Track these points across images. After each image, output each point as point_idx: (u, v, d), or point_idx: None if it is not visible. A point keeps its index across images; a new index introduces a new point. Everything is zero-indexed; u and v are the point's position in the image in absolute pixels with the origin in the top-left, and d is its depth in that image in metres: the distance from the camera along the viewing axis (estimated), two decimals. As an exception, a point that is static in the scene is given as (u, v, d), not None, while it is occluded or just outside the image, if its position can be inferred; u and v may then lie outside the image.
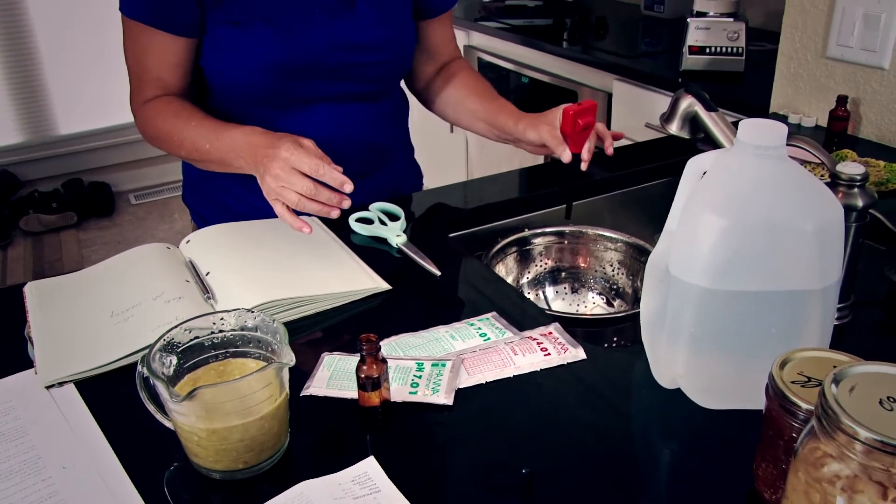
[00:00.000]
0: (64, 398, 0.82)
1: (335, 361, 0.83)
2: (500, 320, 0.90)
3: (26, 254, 3.34)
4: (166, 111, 1.13)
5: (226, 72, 1.15)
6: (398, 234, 1.09)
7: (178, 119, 1.11)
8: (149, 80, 1.14)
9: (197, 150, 1.10)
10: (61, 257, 3.29)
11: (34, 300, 0.98)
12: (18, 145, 3.67)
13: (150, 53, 1.12)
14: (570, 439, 0.73)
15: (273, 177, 0.97)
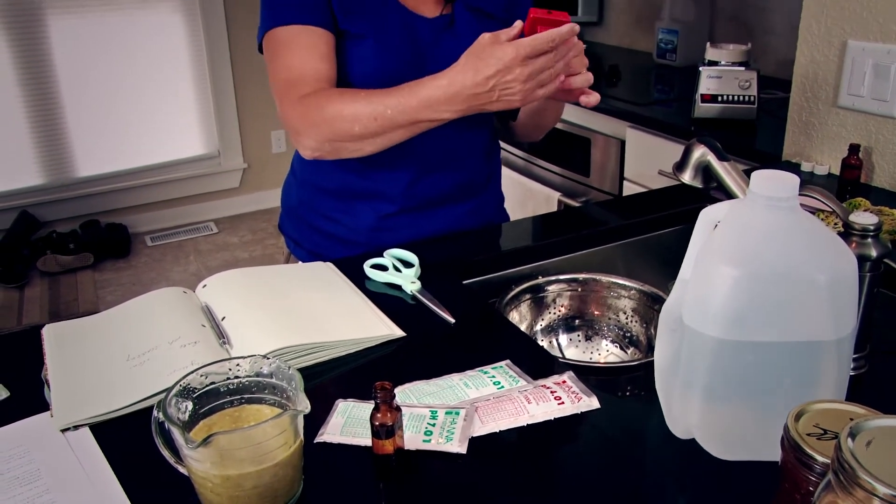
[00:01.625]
0: (79, 442, 0.82)
1: (349, 408, 0.83)
2: (514, 368, 0.90)
3: (42, 294, 3.37)
4: (330, 94, 1.14)
5: (346, 78, 1.21)
6: (412, 281, 1.10)
7: (346, 96, 1.12)
8: (302, 77, 1.16)
9: (376, 120, 1.10)
10: (77, 297, 3.31)
11: (52, 342, 0.98)
12: (39, 187, 3.73)
13: (300, 48, 1.17)
14: (584, 489, 0.73)
15: (525, 80, 1.02)
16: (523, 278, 1.19)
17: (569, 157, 2.44)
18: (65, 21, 3.56)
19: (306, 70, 1.16)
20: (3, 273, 3.40)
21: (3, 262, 3.43)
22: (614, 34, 3.19)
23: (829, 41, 1.58)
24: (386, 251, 1.18)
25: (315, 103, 1.14)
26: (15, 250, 3.52)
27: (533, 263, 1.27)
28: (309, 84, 1.16)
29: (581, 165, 2.39)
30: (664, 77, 2.64)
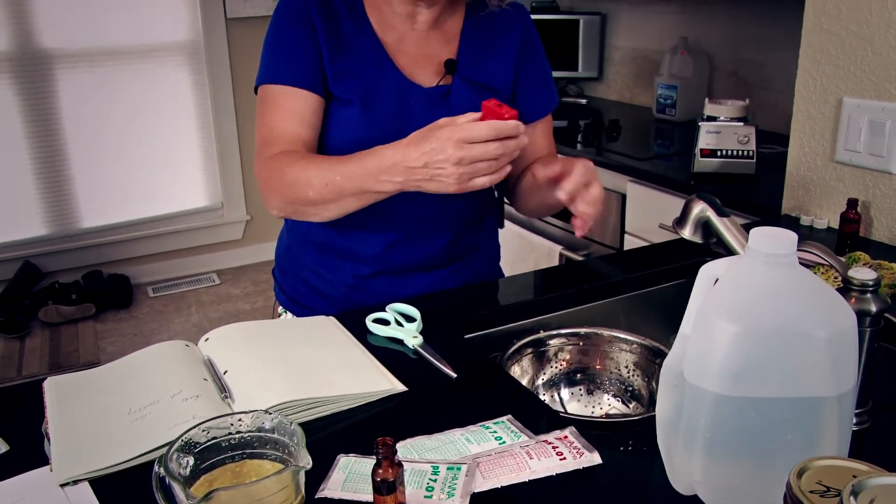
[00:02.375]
0: (79, 496, 0.82)
1: (350, 463, 0.83)
2: (516, 423, 0.90)
3: (43, 344, 3.37)
4: (293, 158, 1.15)
5: (329, 143, 1.22)
6: (414, 336, 1.10)
7: (305, 160, 1.14)
8: (277, 138, 1.18)
9: (327, 186, 1.11)
10: (78, 348, 3.30)
11: (53, 396, 0.99)
12: (42, 237, 3.75)
13: (282, 109, 1.19)
14: (586, 547, 0.72)
15: (455, 162, 1.00)
16: (525, 332, 1.19)
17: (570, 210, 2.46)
18: (72, 74, 3.62)
19: (284, 132, 1.18)
20: (4, 323, 3.40)
21: (5, 312, 3.43)
22: (614, 89, 3.24)
23: (825, 98, 1.61)
24: (388, 305, 1.19)
25: (277, 166, 1.16)
26: (16, 301, 3.53)
27: (534, 318, 1.28)
28: (281, 146, 1.17)
29: (582, 218, 2.41)
30: (664, 131, 2.68)
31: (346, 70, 1.21)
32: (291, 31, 1.21)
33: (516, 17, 1.32)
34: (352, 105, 1.21)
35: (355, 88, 1.21)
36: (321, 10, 1.22)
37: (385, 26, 1.25)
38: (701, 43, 2.76)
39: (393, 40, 1.25)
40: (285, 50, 1.21)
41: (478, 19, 1.30)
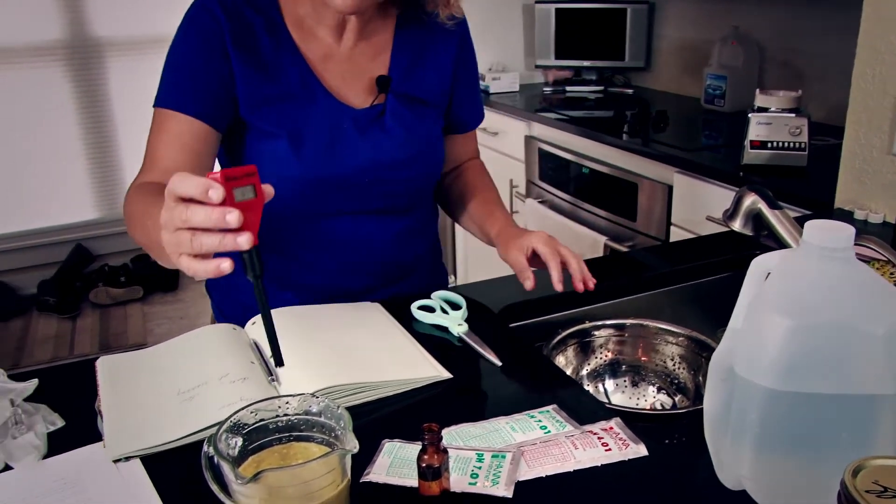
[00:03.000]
0: (130, 472, 0.83)
1: (395, 448, 0.83)
2: (561, 413, 0.89)
3: (94, 325, 3.44)
4: (140, 192, 1.02)
5: None
6: (459, 324, 1.10)
7: (146, 198, 0.98)
8: (152, 164, 1.08)
9: (144, 230, 0.94)
10: (126, 330, 3.37)
11: (105, 375, 1.01)
12: (94, 221, 3.82)
13: (165, 134, 1.08)
14: (631, 540, 0.72)
15: (163, 227, 0.74)
16: (569, 323, 1.18)
17: (615, 201, 2.44)
18: (122, 62, 3.68)
19: (160, 158, 1.08)
20: (57, 304, 3.49)
21: (58, 293, 3.52)
22: (662, 79, 3.20)
23: (884, 89, 1.56)
24: (433, 293, 1.19)
25: (129, 198, 1.04)
26: (69, 282, 3.61)
27: (579, 308, 1.27)
28: (154, 173, 1.06)
29: (628, 210, 2.38)
30: (712, 122, 2.63)
31: (269, 97, 1.11)
32: (191, 52, 1.10)
33: (454, 27, 1.22)
34: (278, 139, 1.11)
35: (281, 120, 1.12)
36: (234, 28, 1.10)
37: (308, 41, 1.15)
38: (752, 32, 2.71)
39: (318, 57, 1.15)
40: (181, 72, 1.10)
41: (409, 30, 1.21)
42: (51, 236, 3.73)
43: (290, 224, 1.18)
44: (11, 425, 0.91)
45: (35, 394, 0.98)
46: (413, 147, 1.19)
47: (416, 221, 1.28)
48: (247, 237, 0.70)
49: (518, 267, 1.13)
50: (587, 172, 2.55)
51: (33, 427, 0.91)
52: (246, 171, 0.71)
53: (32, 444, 0.88)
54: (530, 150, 2.87)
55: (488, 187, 1.34)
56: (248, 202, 0.71)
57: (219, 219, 0.69)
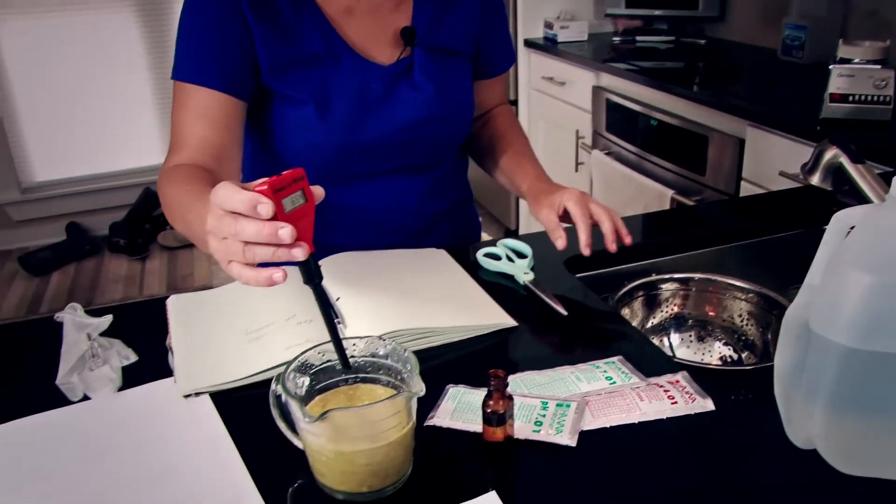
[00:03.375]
0: (199, 408, 0.85)
1: (460, 394, 0.83)
2: (627, 364, 0.88)
3: (161, 267, 3.53)
4: (176, 177, 0.98)
5: (276, 145, 1.12)
6: (526, 272, 1.09)
7: (181, 185, 0.96)
8: (181, 142, 1.04)
9: (184, 222, 0.92)
10: (193, 272, 3.45)
11: (175, 313, 1.03)
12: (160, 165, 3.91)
13: (191, 111, 1.04)
14: (695, 493, 0.71)
15: (211, 233, 0.72)
16: (635, 275, 1.16)
17: (684, 154, 2.38)
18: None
19: (189, 137, 1.04)
20: (128, 245, 3.59)
21: (128, 235, 3.62)
22: (737, 30, 3.08)
23: (978, 40, 1.48)
24: (499, 241, 1.18)
25: (164, 182, 1.01)
26: (138, 225, 3.71)
27: (645, 261, 1.25)
28: (187, 153, 1.03)
29: (696, 163, 2.32)
30: (789, 75, 2.53)
31: (292, 61, 1.07)
32: (207, 20, 1.04)
33: None
34: (304, 105, 1.08)
35: (306, 85, 1.07)
36: None
37: None
38: (836, -20, 2.58)
39: (338, 13, 1.10)
40: (198, 42, 1.05)
41: None
42: (121, 180, 3.84)
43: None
44: (88, 358, 0.94)
45: (109, 329, 1.01)
46: (444, 102, 1.15)
47: (444, 174, 1.26)
48: (302, 249, 0.67)
49: (549, 225, 1.09)
50: (655, 124, 2.49)
51: (109, 361, 0.94)
52: (294, 177, 0.67)
53: (108, 376, 0.91)
54: (598, 100, 2.81)
55: (517, 137, 1.29)
56: (299, 209, 0.68)
57: (270, 234, 0.66)
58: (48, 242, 3.67)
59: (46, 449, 0.80)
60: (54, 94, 3.63)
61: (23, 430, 0.83)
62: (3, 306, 3.21)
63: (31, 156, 3.71)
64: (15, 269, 3.51)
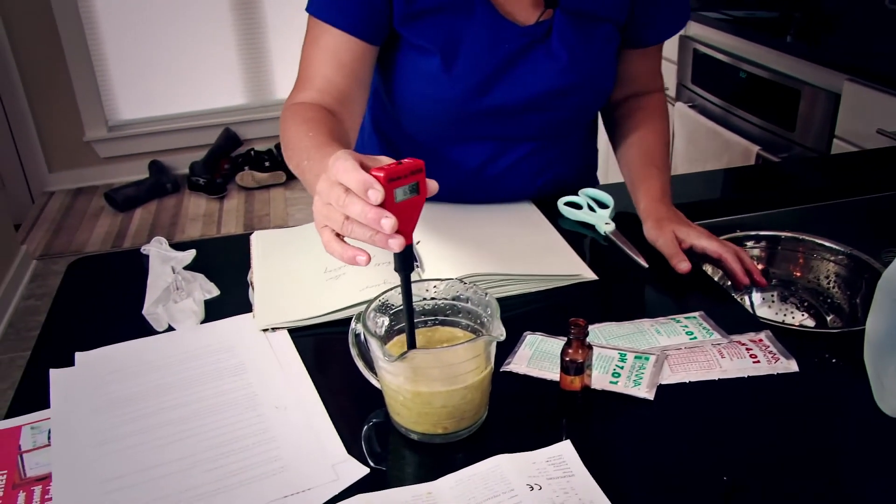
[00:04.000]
0: (278, 343, 0.87)
1: (537, 341, 0.83)
2: (708, 320, 0.86)
3: (239, 206, 3.61)
4: (299, 115, 0.98)
5: (396, 94, 1.09)
6: (607, 222, 1.08)
7: (302, 126, 0.95)
8: (308, 79, 1.03)
9: (299, 167, 0.92)
10: (269, 213, 3.52)
11: (259, 248, 1.05)
12: (242, 106, 3.96)
13: (321, 49, 1.03)
14: (774, 454, 0.69)
15: (319, 194, 0.73)
16: (719, 230, 1.13)
17: (772, 108, 2.29)
18: (276, -53, 3.71)
19: (315, 75, 1.02)
20: (207, 185, 3.67)
21: (208, 174, 3.70)
22: (837, -22, 2.93)
23: None
24: (581, 190, 1.16)
25: (285, 119, 1.00)
26: (217, 165, 3.79)
27: (728, 217, 1.21)
28: (311, 91, 1.02)
29: (786, 118, 2.23)
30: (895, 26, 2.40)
31: (425, 8, 1.02)
32: None
33: None
34: (430, 56, 1.03)
35: (436, 34, 1.02)
36: None
37: None
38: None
39: None
40: None
41: None
42: (202, 120, 3.90)
43: (434, 143, 1.13)
44: (173, 290, 0.97)
45: (192, 264, 1.04)
46: (578, 73, 1.06)
47: (567, 147, 1.20)
48: (398, 241, 0.67)
49: (669, 250, 1.00)
50: (744, 76, 2.40)
51: (192, 294, 0.96)
52: (412, 168, 0.67)
53: (191, 309, 0.93)
54: (684, 51, 2.72)
55: (657, 144, 1.17)
56: (409, 201, 0.67)
57: (374, 220, 0.66)
58: (132, 180, 3.77)
59: (133, 375, 0.83)
60: (141, 35, 3.70)
61: (111, 357, 0.87)
62: (89, 240, 3.34)
63: (117, 95, 3.80)
64: (101, 204, 3.63)
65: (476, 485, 0.65)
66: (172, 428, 0.75)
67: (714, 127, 2.51)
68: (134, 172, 3.86)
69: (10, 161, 3.63)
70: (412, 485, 0.67)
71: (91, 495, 0.68)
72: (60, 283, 1.04)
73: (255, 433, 0.73)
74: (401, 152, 1.17)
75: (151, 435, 0.74)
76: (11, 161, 3.63)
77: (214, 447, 0.72)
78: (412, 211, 0.68)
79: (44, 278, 3.04)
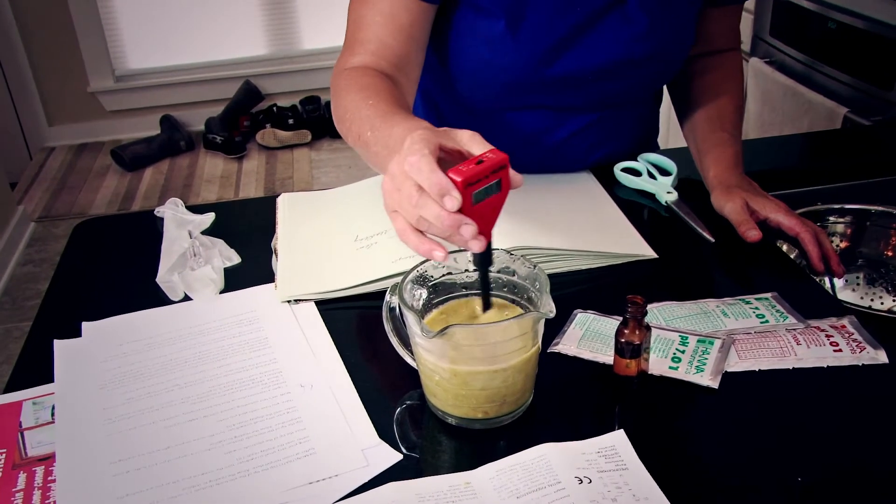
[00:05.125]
0: (304, 315, 0.89)
1: (588, 320, 0.84)
2: (782, 303, 0.86)
3: (259, 167, 3.64)
4: (355, 82, 0.98)
5: (452, 60, 1.09)
6: (669, 191, 1.08)
7: (360, 93, 0.96)
8: (360, 42, 1.03)
9: (361, 139, 0.93)
10: (292, 175, 3.55)
11: (285, 212, 1.07)
12: (264, 57, 3.98)
13: (374, 10, 1.02)
14: (855, 456, 0.69)
15: (391, 175, 0.73)
16: (797, 202, 1.12)
17: (866, 63, 2.25)
18: None
19: (370, 38, 1.02)
20: (224, 143, 3.70)
21: (225, 131, 3.73)
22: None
23: None
24: (640, 155, 1.16)
25: (342, 85, 1.00)
26: (236, 121, 3.82)
27: (808, 187, 1.20)
28: (364, 55, 1.02)
29: (881, 76, 2.19)
30: None
31: None
32: None
33: None
34: (493, 18, 1.03)
35: None
36: None
37: None
38: None
39: None
40: None
41: None
42: (220, 71, 3.93)
43: (468, 111, 1.14)
44: (190, 257, 0.99)
45: (211, 228, 1.06)
46: (657, 41, 1.06)
47: (632, 116, 1.20)
48: (479, 243, 0.68)
49: (739, 217, 1.00)
50: (833, 27, 2.36)
51: (211, 261, 0.99)
52: (494, 166, 0.67)
53: (210, 277, 0.96)
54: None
55: (730, 106, 1.17)
56: (490, 200, 0.68)
57: (451, 227, 0.67)
58: (141, 136, 3.82)
59: (145, 348, 0.86)
60: (152, -26, 3.73)
61: (121, 328, 0.89)
62: (94, 201, 3.40)
63: (125, 42, 3.84)
64: (107, 162, 3.69)
65: (519, 476, 0.66)
66: (187, 406, 0.77)
67: (794, 86, 2.48)
68: (144, 128, 3.90)
69: (5, 112, 3.68)
70: (448, 474, 0.68)
71: (98, 477, 0.70)
72: (66, 247, 1.07)
73: (279, 413, 0.75)
74: (446, 119, 1.18)
75: (164, 414, 0.76)
76: (6, 112, 3.68)
77: (233, 428, 0.74)
78: (493, 209, 0.69)
79: (43, 242, 3.10)
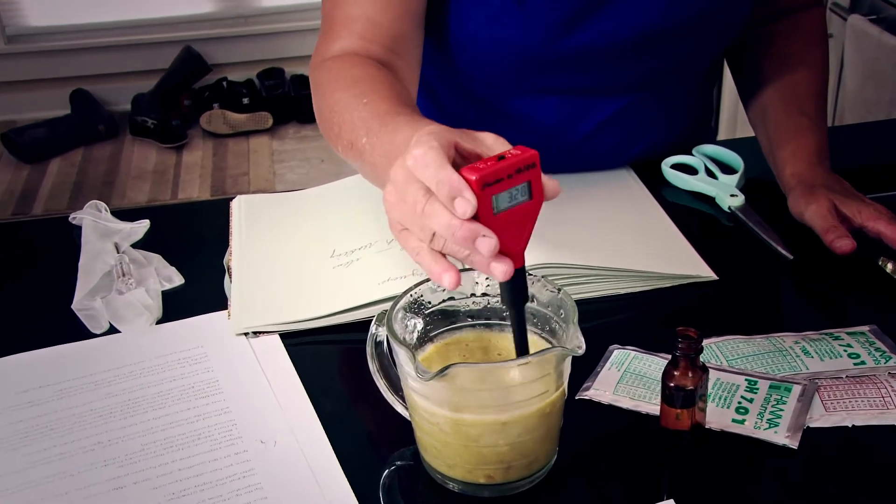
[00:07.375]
0: (266, 351, 0.91)
1: (628, 359, 0.85)
2: (884, 339, 0.88)
3: (205, 161, 3.60)
4: (342, 75, 1.01)
5: (452, 39, 1.12)
6: (733, 194, 1.09)
7: (349, 89, 0.98)
8: (343, 22, 1.07)
9: (354, 148, 0.94)
10: (248, 171, 3.51)
11: (241, 220, 1.09)
12: (210, 16, 3.97)
13: None
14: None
15: (393, 183, 0.73)
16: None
17: None
18: None
19: (356, 16, 1.05)
20: (158, 129, 3.67)
21: (159, 113, 3.70)
22: None
23: None
24: (695, 148, 1.17)
25: (323, 81, 1.04)
26: (175, 100, 3.79)
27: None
28: (350, 39, 1.05)
29: None
30: None
31: None
32: None
33: None
34: None
35: None
36: None
37: None
38: None
39: None
40: None
41: None
42: (151, 34, 3.90)
43: (474, 99, 1.17)
44: (117, 277, 1.00)
45: (144, 239, 1.08)
46: (693, 7, 1.09)
47: (675, 101, 1.23)
48: (503, 268, 0.66)
49: (825, 223, 1.01)
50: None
51: (145, 282, 1.00)
52: (519, 164, 0.66)
53: (143, 303, 0.97)
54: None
55: (812, 78, 1.19)
56: (517, 208, 0.67)
57: (465, 239, 0.65)
58: (44, 116, 3.74)
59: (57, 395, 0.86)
60: None
61: (26, 369, 0.90)
62: (-23, 203, 3.33)
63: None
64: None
65: (539, 557, 0.68)
66: (112, 471, 0.78)
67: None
68: (47, 106, 3.84)
69: None
70: (449, 555, 0.70)
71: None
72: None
73: (233, 478, 0.76)
74: (446, 109, 1.22)
75: (81, 481, 0.77)
76: None
77: (172, 499, 0.75)
78: (522, 222, 0.67)
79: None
